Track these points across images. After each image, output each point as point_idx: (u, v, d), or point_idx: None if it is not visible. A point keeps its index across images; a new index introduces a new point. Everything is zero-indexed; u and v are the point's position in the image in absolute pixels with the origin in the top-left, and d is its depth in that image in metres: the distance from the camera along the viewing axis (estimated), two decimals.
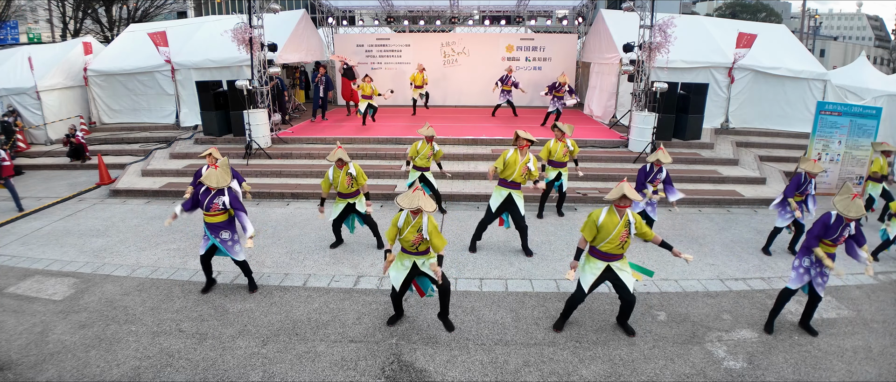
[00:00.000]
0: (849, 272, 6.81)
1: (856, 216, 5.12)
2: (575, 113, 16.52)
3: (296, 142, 12.55)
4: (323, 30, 18.25)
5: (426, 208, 5.02)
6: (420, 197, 5.07)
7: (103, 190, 10.97)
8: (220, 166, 5.97)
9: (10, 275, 6.97)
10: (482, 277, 6.81)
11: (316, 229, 8.53)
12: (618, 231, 5.11)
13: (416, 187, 5.19)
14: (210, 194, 5.94)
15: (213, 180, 5.80)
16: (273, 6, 12.56)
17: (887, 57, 64.27)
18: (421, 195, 5.09)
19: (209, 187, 5.86)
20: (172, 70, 14.18)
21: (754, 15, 55.16)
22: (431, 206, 5.07)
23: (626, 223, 5.13)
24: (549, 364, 5.02)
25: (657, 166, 7.58)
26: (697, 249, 7.81)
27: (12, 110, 13.69)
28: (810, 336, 5.53)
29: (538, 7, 18.43)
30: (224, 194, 5.94)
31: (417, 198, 5.05)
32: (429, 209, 5.04)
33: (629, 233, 5.17)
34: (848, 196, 5.21)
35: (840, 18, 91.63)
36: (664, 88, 11.51)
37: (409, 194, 5.13)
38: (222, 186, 5.83)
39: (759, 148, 12.79)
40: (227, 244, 6.06)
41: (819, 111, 10.63)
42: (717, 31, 14.67)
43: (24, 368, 4.97)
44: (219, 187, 5.82)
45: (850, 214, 5.13)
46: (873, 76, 13.66)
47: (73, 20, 28.63)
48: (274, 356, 5.15)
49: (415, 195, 5.09)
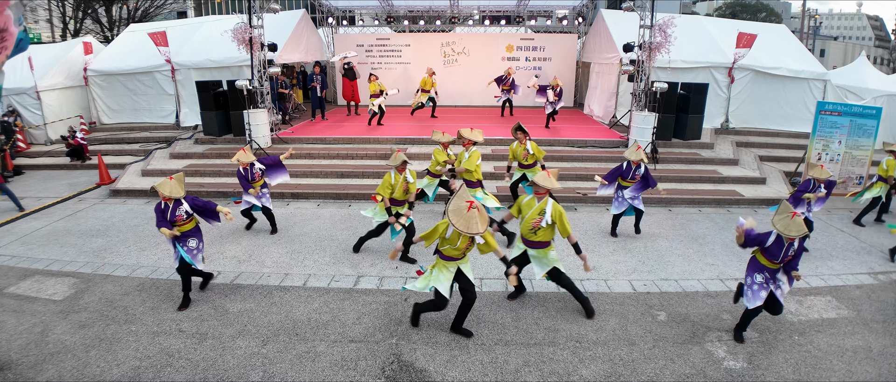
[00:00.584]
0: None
1: (797, 235, 4.92)
2: (575, 113, 16.53)
3: (296, 142, 12.55)
4: (323, 30, 18.25)
5: (480, 233, 4.82)
6: (476, 218, 4.81)
7: (103, 190, 10.97)
8: (174, 178, 5.94)
9: (10, 275, 6.97)
10: (482, 277, 6.81)
11: (316, 230, 8.53)
12: (531, 216, 5.56)
13: (472, 205, 4.88)
14: (170, 207, 5.91)
15: (166, 190, 5.78)
16: (273, 6, 12.57)
17: (887, 57, 64.29)
18: (476, 216, 4.82)
19: (163, 197, 5.84)
20: (172, 70, 14.18)
21: (754, 15, 55.14)
22: (484, 227, 4.86)
23: (540, 211, 5.52)
24: (549, 364, 5.02)
25: (635, 165, 7.79)
26: (697, 249, 7.81)
27: (12, 110, 13.68)
28: (810, 337, 5.53)
29: (538, 7, 18.43)
30: (182, 203, 5.95)
31: (474, 221, 4.80)
32: (481, 231, 4.83)
33: (542, 220, 5.52)
34: (787, 215, 5.03)
35: (840, 18, 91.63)
36: (664, 88, 11.51)
37: (464, 215, 4.84)
38: (176, 196, 5.81)
39: (759, 148, 12.79)
40: (192, 252, 6.01)
41: (819, 111, 10.62)
42: (717, 31, 14.67)
43: (24, 368, 4.97)
44: (172, 196, 5.80)
45: (791, 233, 4.93)
46: (873, 76, 13.67)
47: (73, 20, 28.63)
48: (274, 356, 5.15)
49: (471, 217, 4.82)
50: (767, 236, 5.20)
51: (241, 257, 7.48)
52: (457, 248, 5.11)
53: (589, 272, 5.80)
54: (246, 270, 7.06)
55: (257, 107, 12.00)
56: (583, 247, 7.74)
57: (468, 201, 4.92)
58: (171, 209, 5.91)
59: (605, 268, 7.12)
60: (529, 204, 5.65)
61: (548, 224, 5.54)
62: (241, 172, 7.90)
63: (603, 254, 7.59)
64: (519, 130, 8.42)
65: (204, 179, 10.93)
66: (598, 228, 8.62)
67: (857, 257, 7.68)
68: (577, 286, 5.93)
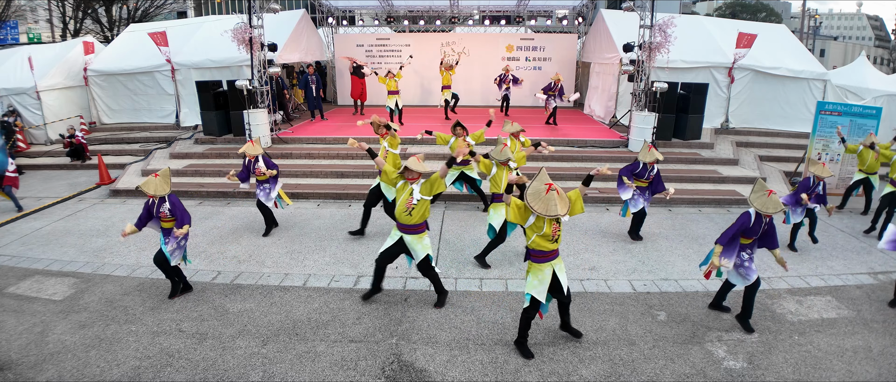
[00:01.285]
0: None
1: (774, 212, 5.22)
2: (575, 113, 16.54)
3: (296, 142, 12.56)
4: (323, 30, 18.26)
5: (562, 214, 4.59)
6: (556, 199, 4.58)
7: (103, 190, 10.97)
8: (159, 175, 5.97)
9: (10, 275, 6.97)
10: (482, 277, 6.81)
11: (316, 229, 8.53)
12: (404, 200, 5.65)
13: (551, 187, 4.63)
14: (155, 203, 5.97)
15: (151, 188, 5.82)
16: (273, 6, 12.57)
17: (887, 57, 64.33)
18: (556, 198, 4.58)
19: (148, 195, 5.88)
20: (172, 70, 14.18)
21: (754, 15, 55.17)
22: (565, 208, 4.64)
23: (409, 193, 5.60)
24: (549, 364, 5.02)
25: (650, 165, 7.63)
26: (697, 249, 7.81)
27: (12, 110, 13.69)
28: (810, 337, 5.53)
29: (538, 7, 18.43)
30: (166, 202, 5.96)
31: (553, 202, 4.57)
32: (563, 214, 4.60)
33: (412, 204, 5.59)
34: (763, 193, 5.31)
35: (840, 18, 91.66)
36: (664, 88, 11.51)
37: (542, 197, 4.58)
38: (160, 194, 5.85)
39: (759, 148, 12.80)
40: (169, 245, 6.05)
41: (819, 111, 10.62)
42: (717, 31, 14.67)
43: (24, 368, 4.97)
44: (157, 195, 5.84)
45: (769, 210, 5.24)
46: (873, 76, 13.67)
47: (73, 20, 28.64)
48: (274, 356, 5.15)
49: (549, 198, 4.57)
50: (749, 219, 5.42)
51: (241, 257, 7.48)
52: (544, 234, 4.75)
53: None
54: (246, 270, 7.06)
55: (257, 107, 12.01)
56: (583, 247, 7.79)
57: (547, 184, 4.66)
58: (156, 206, 5.99)
59: (605, 268, 7.11)
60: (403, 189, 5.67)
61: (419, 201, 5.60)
62: (245, 162, 7.91)
63: (603, 254, 7.59)
64: (455, 126, 8.39)
65: (204, 179, 10.93)
66: (599, 228, 8.62)
67: (857, 257, 7.68)
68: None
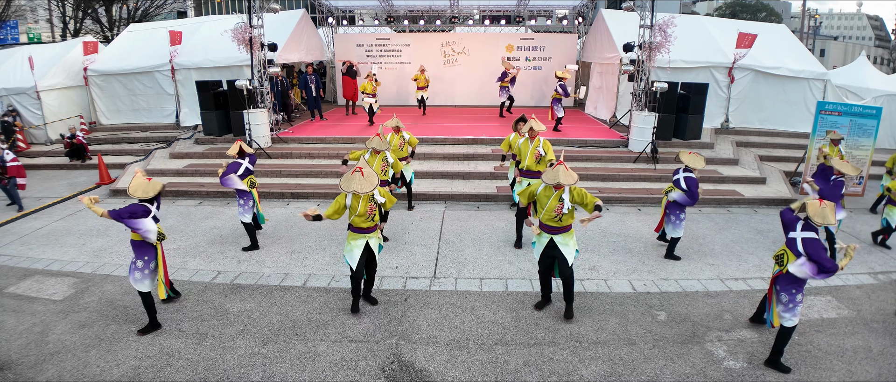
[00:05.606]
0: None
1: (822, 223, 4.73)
2: (575, 113, 16.52)
3: (296, 142, 12.56)
4: (323, 30, 18.26)
5: (566, 182, 5.31)
6: (562, 172, 5.33)
7: (103, 190, 10.96)
8: (150, 179, 5.87)
9: (10, 275, 6.97)
10: (482, 277, 6.81)
11: (316, 230, 8.52)
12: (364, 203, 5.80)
13: (560, 163, 5.41)
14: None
15: (140, 192, 5.68)
16: (273, 6, 12.57)
17: (887, 57, 64.31)
18: (562, 170, 5.33)
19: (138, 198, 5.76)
20: (172, 70, 14.18)
21: (754, 15, 55.15)
22: (573, 178, 5.35)
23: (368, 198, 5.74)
24: (549, 364, 5.02)
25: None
26: (697, 249, 7.81)
27: (12, 110, 13.69)
28: (810, 337, 5.53)
29: (538, 7, 18.43)
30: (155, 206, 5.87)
31: (559, 173, 5.33)
32: (570, 182, 5.32)
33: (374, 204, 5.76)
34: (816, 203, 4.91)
35: (840, 18, 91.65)
36: (664, 87, 11.50)
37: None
38: (148, 196, 5.69)
39: (759, 148, 12.79)
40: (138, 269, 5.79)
41: (819, 111, 10.62)
42: (717, 31, 14.66)
43: (24, 368, 4.97)
44: (145, 197, 5.68)
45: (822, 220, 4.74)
46: (873, 76, 13.67)
47: (73, 20, 28.64)
48: (274, 356, 5.15)
49: (556, 171, 5.35)
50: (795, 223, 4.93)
51: (241, 257, 7.48)
52: (548, 208, 5.47)
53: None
54: (246, 270, 7.06)
55: (257, 107, 12.01)
56: (583, 247, 7.79)
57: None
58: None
59: (605, 268, 7.11)
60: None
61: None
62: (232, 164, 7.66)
63: (603, 254, 7.59)
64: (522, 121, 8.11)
65: (204, 179, 10.92)
66: (599, 228, 8.62)
67: (857, 257, 7.66)
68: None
